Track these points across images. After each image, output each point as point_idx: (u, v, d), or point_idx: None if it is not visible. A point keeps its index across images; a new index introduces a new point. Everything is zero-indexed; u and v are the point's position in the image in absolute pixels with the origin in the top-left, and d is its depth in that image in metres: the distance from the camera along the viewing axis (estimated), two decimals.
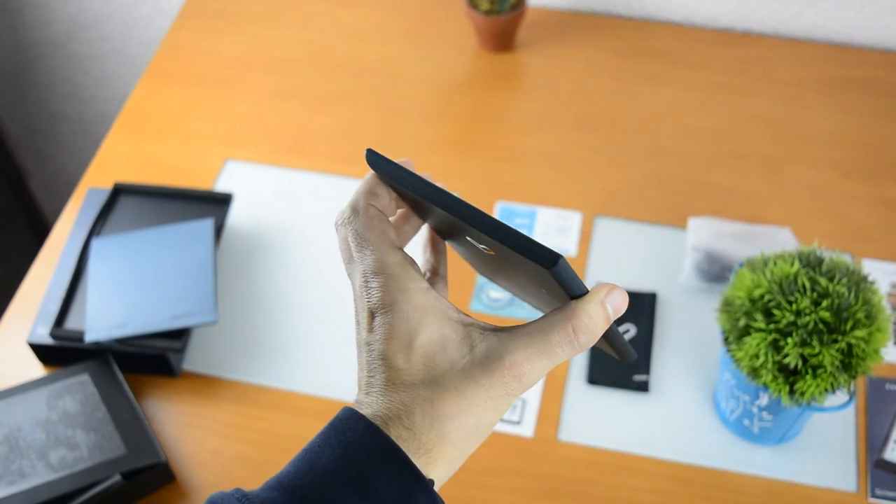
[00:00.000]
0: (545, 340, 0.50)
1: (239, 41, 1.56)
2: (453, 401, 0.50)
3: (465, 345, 0.51)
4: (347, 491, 0.47)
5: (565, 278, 0.48)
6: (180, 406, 1.16)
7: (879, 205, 1.33)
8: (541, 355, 0.50)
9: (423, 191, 0.52)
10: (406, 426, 0.50)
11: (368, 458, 0.48)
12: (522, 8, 1.46)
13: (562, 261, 0.47)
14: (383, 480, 0.48)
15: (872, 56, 1.52)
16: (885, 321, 0.95)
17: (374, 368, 0.52)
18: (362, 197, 0.55)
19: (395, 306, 0.52)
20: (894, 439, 1.10)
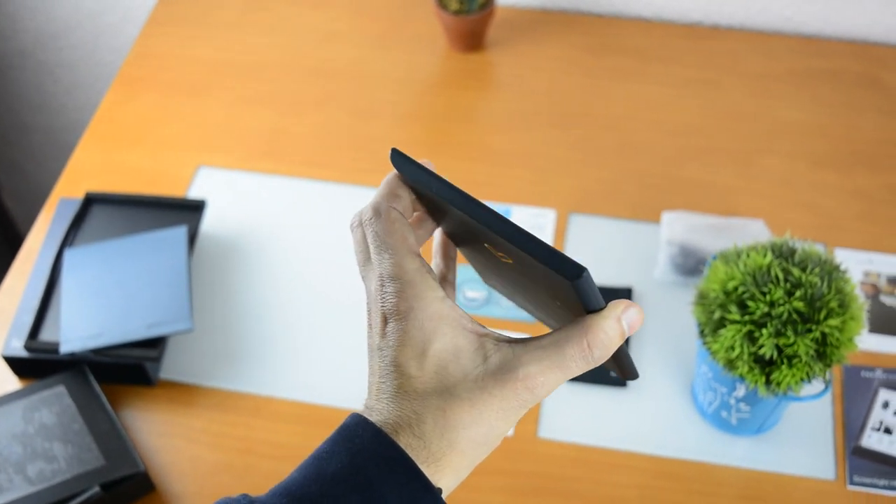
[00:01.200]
0: (560, 354, 0.50)
1: (209, 46, 1.56)
2: (465, 410, 0.50)
3: (479, 355, 0.51)
4: (355, 499, 0.47)
5: (587, 291, 0.48)
6: (158, 415, 1.15)
7: (851, 194, 1.34)
8: (554, 368, 0.50)
9: (448, 194, 0.51)
10: (416, 434, 0.50)
11: (377, 466, 0.48)
12: (491, 7, 1.46)
13: (586, 273, 0.47)
14: (391, 488, 0.48)
15: (841, 47, 1.53)
16: (859, 309, 0.95)
17: (385, 374, 0.52)
18: (384, 199, 0.54)
19: (410, 314, 0.51)
20: (871, 426, 1.11)
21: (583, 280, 0.47)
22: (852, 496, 1.06)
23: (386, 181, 0.55)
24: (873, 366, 1.16)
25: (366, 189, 1.35)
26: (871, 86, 1.48)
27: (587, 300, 0.49)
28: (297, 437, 1.13)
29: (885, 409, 1.12)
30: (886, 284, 1.24)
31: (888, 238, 1.29)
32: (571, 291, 0.48)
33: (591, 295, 0.48)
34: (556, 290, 0.51)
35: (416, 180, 0.53)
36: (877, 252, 1.27)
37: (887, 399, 1.13)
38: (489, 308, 1.22)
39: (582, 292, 0.48)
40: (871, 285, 1.24)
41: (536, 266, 0.48)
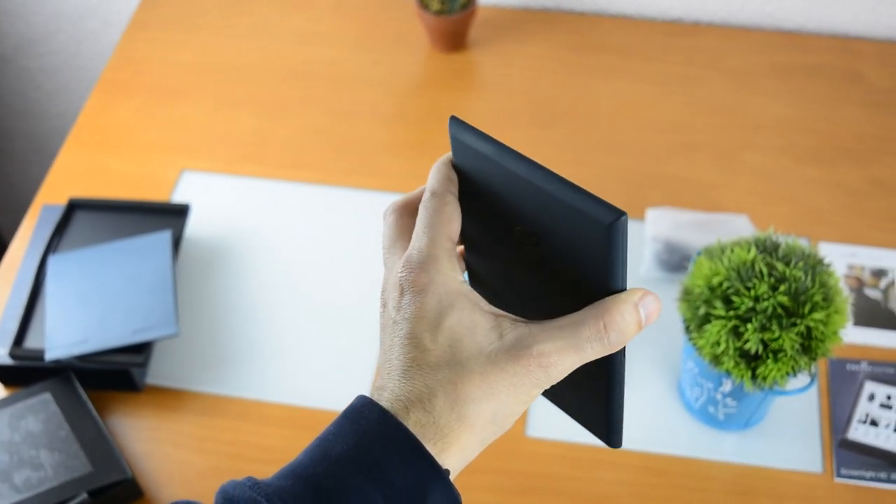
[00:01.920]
0: (575, 335, 0.50)
1: (191, 50, 1.55)
2: (476, 384, 0.49)
3: (495, 332, 0.51)
4: (361, 479, 0.47)
5: (620, 242, 0.48)
6: (145, 421, 1.15)
7: (834, 188, 1.34)
8: (570, 349, 0.50)
9: (509, 153, 0.52)
10: (426, 409, 0.49)
11: (383, 447, 0.48)
12: (473, 7, 1.46)
13: (626, 217, 0.48)
14: (398, 469, 0.48)
15: (822, 42, 1.54)
16: (843, 303, 0.96)
17: (398, 349, 0.51)
18: (441, 183, 0.55)
19: (429, 286, 0.51)
20: (858, 419, 1.11)
21: (623, 222, 0.47)
22: (840, 489, 1.07)
23: (442, 165, 0.55)
24: (858, 358, 1.16)
25: (349, 190, 1.35)
26: (853, 80, 1.48)
27: (615, 257, 0.49)
28: (286, 440, 1.13)
29: (871, 401, 1.13)
30: (870, 277, 1.24)
31: (872, 231, 1.29)
32: (601, 257, 0.49)
33: (622, 250, 0.49)
34: (579, 272, 0.51)
35: (476, 146, 0.53)
36: (860, 245, 1.27)
37: (873, 391, 1.13)
38: None
39: (616, 242, 0.48)
40: (856, 278, 1.24)
41: (569, 234, 0.49)
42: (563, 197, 0.49)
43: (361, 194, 1.35)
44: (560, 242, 0.51)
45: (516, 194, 0.52)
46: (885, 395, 1.13)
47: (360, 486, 0.47)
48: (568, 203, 0.49)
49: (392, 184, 1.35)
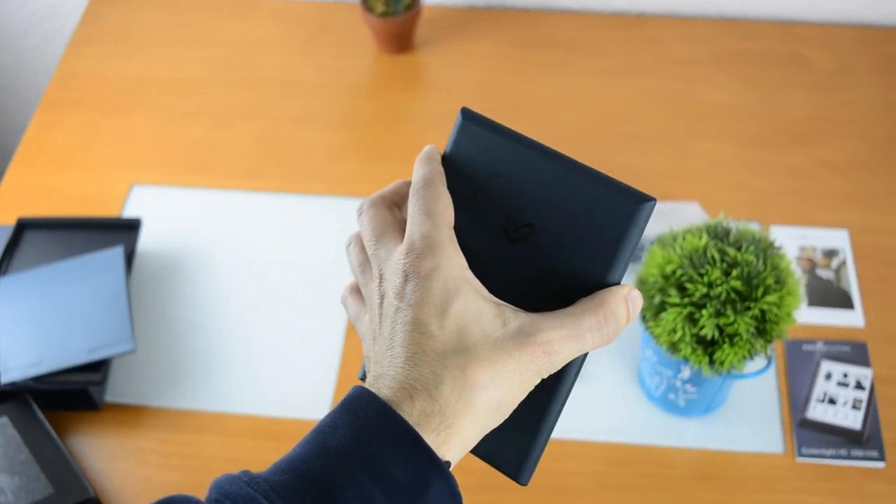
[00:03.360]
0: (577, 324, 0.51)
1: (136, 63, 1.54)
2: (484, 370, 0.49)
3: (499, 320, 0.51)
4: (359, 473, 0.46)
5: (638, 230, 0.50)
6: (106, 439, 1.13)
7: (782, 172, 1.36)
8: (572, 338, 0.50)
9: (523, 141, 0.54)
10: (433, 397, 0.48)
11: (381, 440, 0.47)
12: (417, 7, 1.46)
13: (654, 203, 0.50)
14: (396, 462, 0.47)
15: (764, 27, 1.55)
16: (795, 284, 0.97)
17: (401, 336, 0.50)
18: (434, 173, 0.55)
19: (435, 272, 0.51)
20: (816, 398, 1.13)
21: (651, 206, 0.50)
22: (801, 468, 1.08)
23: (431, 157, 0.57)
24: (814, 338, 1.18)
25: (301, 197, 1.34)
26: (796, 64, 1.50)
27: (626, 244, 0.50)
28: (250, 451, 1.12)
29: (828, 380, 1.14)
30: (822, 258, 1.26)
31: (821, 212, 1.31)
32: (611, 245, 0.50)
33: (637, 238, 0.50)
34: (576, 263, 0.52)
35: (488, 133, 0.55)
36: (811, 227, 1.29)
37: (830, 370, 1.15)
38: None
39: (639, 222, 0.50)
40: (808, 260, 1.26)
41: (577, 222, 0.51)
42: (588, 181, 0.51)
43: (313, 200, 1.34)
44: (562, 231, 0.52)
45: (522, 182, 0.53)
46: (841, 373, 1.15)
47: (358, 480, 0.46)
48: (593, 187, 0.51)
49: (344, 188, 1.35)
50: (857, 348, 1.17)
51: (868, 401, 1.12)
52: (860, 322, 1.20)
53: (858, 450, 1.09)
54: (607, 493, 1.07)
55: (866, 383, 1.14)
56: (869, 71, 1.49)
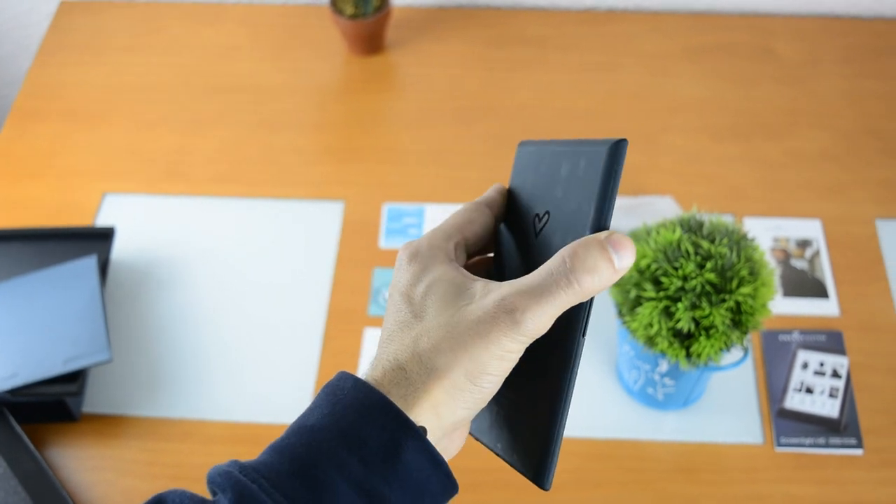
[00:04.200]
0: (542, 277, 0.49)
1: (106, 72, 1.53)
2: (444, 335, 0.50)
3: (476, 290, 0.51)
4: (335, 444, 0.48)
5: (614, 171, 0.50)
6: (85, 450, 1.13)
7: (754, 164, 1.37)
8: (537, 294, 0.49)
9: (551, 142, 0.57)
10: (401, 366, 0.51)
11: (356, 412, 0.49)
12: (387, 8, 1.46)
13: (625, 142, 0.50)
14: (371, 431, 0.48)
15: (733, 21, 1.56)
16: (769, 275, 0.97)
17: (388, 318, 0.54)
18: (483, 197, 0.59)
19: (417, 255, 0.55)
20: (793, 387, 1.13)
21: (622, 144, 0.50)
22: (780, 457, 1.09)
23: (492, 189, 0.60)
24: (790, 329, 1.18)
25: (276, 201, 1.34)
26: (764, 56, 1.51)
27: (605, 188, 0.50)
28: (230, 456, 1.11)
29: (805, 369, 1.15)
30: (796, 248, 1.27)
31: (793, 202, 1.32)
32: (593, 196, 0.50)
33: (614, 181, 0.50)
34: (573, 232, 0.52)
35: (534, 146, 0.58)
36: (784, 217, 1.30)
37: (806, 360, 1.16)
38: None
39: (609, 164, 0.50)
40: (781, 250, 1.26)
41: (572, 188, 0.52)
42: (571, 150, 0.52)
43: (287, 204, 1.34)
44: (563, 205, 0.53)
45: (541, 176, 0.55)
46: (818, 362, 1.15)
47: (333, 450, 0.48)
48: (575, 154, 0.52)
49: (318, 191, 1.35)
50: (833, 337, 1.18)
51: (845, 389, 1.13)
52: (835, 311, 1.21)
53: (837, 438, 1.09)
54: (589, 489, 1.08)
55: (843, 371, 1.15)
56: (837, 61, 1.50)
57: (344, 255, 1.28)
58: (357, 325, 1.21)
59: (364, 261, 1.27)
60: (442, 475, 0.50)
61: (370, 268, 1.26)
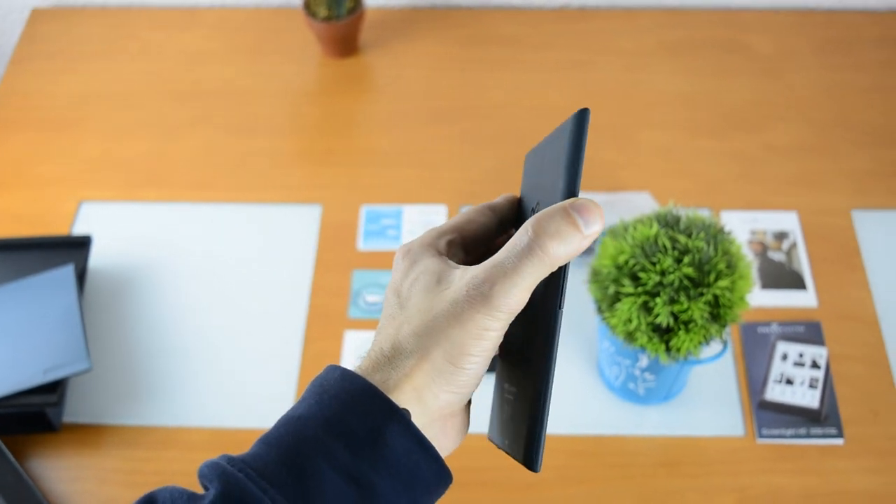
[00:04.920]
0: (508, 252, 0.50)
1: (79, 79, 1.52)
2: (422, 319, 0.51)
3: (453, 277, 0.52)
4: (320, 432, 0.48)
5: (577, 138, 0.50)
6: (66, 460, 1.12)
7: (730, 157, 1.37)
8: (505, 268, 0.49)
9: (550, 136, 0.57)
10: (385, 353, 0.51)
11: (342, 401, 0.49)
12: (360, 10, 1.46)
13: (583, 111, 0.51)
14: (355, 417, 0.49)
15: (706, 16, 1.57)
16: (747, 268, 0.98)
17: (383, 311, 0.55)
18: (492, 202, 0.60)
19: (410, 251, 0.56)
20: (773, 379, 1.14)
21: (585, 113, 0.51)
22: (762, 449, 1.09)
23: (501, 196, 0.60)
24: (769, 321, 1.19)
25: (253, 206, 1.33)
26: (738, 50, 1.52)
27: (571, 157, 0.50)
28: None
29: (785, 360, 1.15)
30: (773, 241, 1.27)
31: (769, 195, 1.32)
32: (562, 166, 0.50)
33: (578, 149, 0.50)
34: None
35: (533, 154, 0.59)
36: (760, 210, 1.30)
37: (785, 351, 1.16)
38: None
39: (572, 133, 0.50)
40: (759, 243, 1.27)
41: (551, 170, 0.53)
42: (549, 138, 0.54)
43: (265, 209, 1.33)
44: (546, 192, 0.53)
45: (534, 171, 0.57)
46: (797, 353, 1.16)
47: (320, 439, 0.48)
48: (553, 133, 0.53)
49: (296, 195, 1.34)
50: (812, 328, 1.18)
51: (824, 379, 1.14)
52: (813, 302, 1.21)
53: (817, 428, 1.10)
54: (573, 486, 1.08)
55: (822, 362, 1.15)
56: (810, 54, 1.51)
57: (322, 258, 1.28)
58: (337, 328, 1.21)
59: (343, 263, 1.27)
60: (432, 461, 0.50)
61: (349, 270, 1.26)
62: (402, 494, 0.49)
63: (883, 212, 1.31)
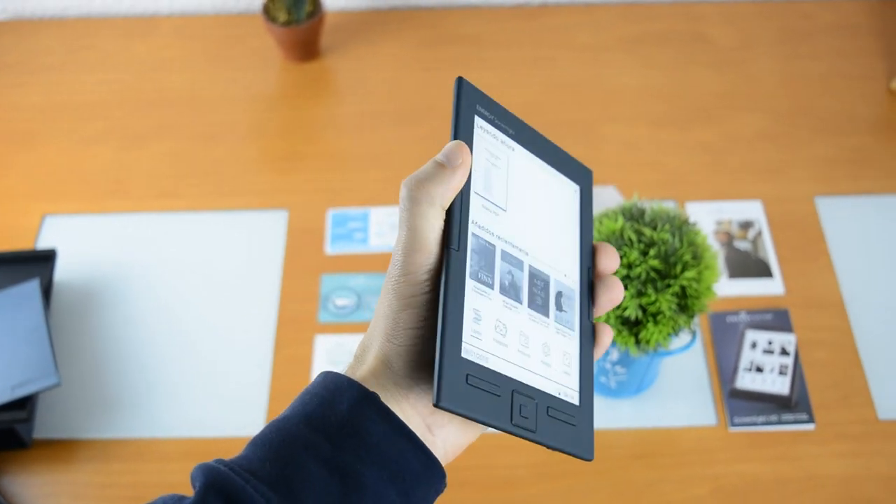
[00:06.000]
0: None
1: (38, 91, 1.51)
2: (379, 302, 0.54)
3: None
4: (302, 427, 0.50)
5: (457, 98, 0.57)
6: (38, 477, 1.11)
7: (693, 149, 1.38)
8: (399, 234, 0.52)
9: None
10: (360, 351, 0.54)
11: (320, 398, 0.51)
12: (320, 14, 1.45)
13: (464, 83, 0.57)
14: (331, 409, 0.50)
15: (665, 9, 1.58)
16: (712, 258, 0.98)
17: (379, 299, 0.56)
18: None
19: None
20: (743, 367, 1.15)
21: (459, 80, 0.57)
22: (734, 437, 1.10)
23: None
24: (737, 310, 1.20)
25: (220, 213, 1.33)
26: (698, 42, 1.53)
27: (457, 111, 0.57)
28: (186, 474, 1.09)
29: (754, 349, 1.16)
30: (738, 230, 1.28)
31: (733, 185, 1.33)
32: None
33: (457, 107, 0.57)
34: None
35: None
36: (725, 200, 1.31)
37: (754, 339, 1.17)
38: (360, 313, 1.21)
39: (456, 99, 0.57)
40: (724, 233, 1.28)
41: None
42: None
43: (232, 216, 1.33)
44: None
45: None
46: (766, 340, 1.17)
47: (302, 433, 0.50)
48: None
49: (261, 201, 1.34)
50: (779, 315, 1.19)
51: (794, 366, 1.15)
52: (780, 289, 1.22)
53: (788, 414, 1.11)
54: (548, 482, 1.08)
55: (790, 349, 1.16)
56: (769, 44, 1.53)
57: (290, 263, 1.27)
58: (308, 333, 1.20)
59: (311, 268, 1.27)
60: (418, 451, 0.50)
61: (317, 274, 1.26)
62: (389, 484, 0.49)
63: (846, 197, 1.32)
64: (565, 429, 0.54)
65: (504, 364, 0.52)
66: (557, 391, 0.54)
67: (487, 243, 0.54)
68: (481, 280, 0.53)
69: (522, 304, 0.55)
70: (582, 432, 0.55)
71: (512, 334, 0.53)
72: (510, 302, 0.54)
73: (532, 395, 0.53)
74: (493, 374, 0.51)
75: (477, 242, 0.53)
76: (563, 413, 0.54)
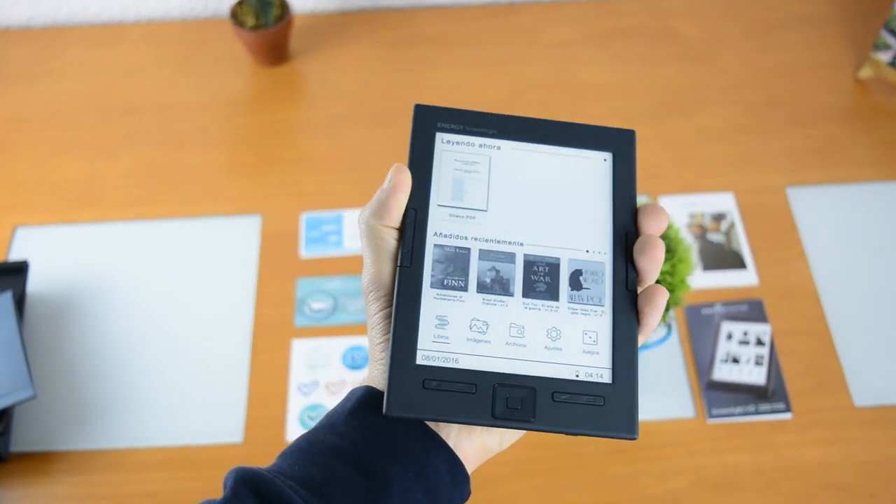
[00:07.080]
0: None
1: (6, 102, 1.49)
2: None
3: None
4: (327, 434, 0.54)
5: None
6: (16, 491, 1.10)
7: (665, 143, 1.39)
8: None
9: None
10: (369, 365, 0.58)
11: (341, 408, 0.55)
12: (288, 17, 1.45)
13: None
14: (353, 415, 0.54)
15: (633, 4, 1.58)
16: (686, 251, 0.99)
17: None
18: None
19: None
20: (720, 359, 1.15)
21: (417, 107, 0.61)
22: (713, 428, 1.11)
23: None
24: (712, 301, 1.21)
25: (193, 220, 1.32)
26: (666, 37, 1.53)
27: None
28: (166, 482, 1.10)
29: (730, 340, 1.17)
30: (711, 222, 1.29)
31: (705, 178, 1.34)
32: None
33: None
34: None
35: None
36: (697, 193, 1.32)
37: (730, 331, 1.18)
38: (336, 316, 1.21)
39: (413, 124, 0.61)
40: (698, 226, 1.28)
41: None
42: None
43: (205, 222, 1.32)
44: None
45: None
46: (741, 331, 1.18)
47: (327, 439, 0.53)
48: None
49: (234, 206, 1.33)
50: (754, 306, 1.20)
51: (770, 356, 1.16)
52: (754, 280, 1.23)
53: (766, 404, 1.12)
54: (530, 478, 1.08)
55: (766, 339, 1.17)
56: (738, 37, 1.54)
57: (265, 268, 1.27)
58: (284, 338, 1.20)
59: (286, 272, 1.26)
60: (440, 449, 0.53)
61: (293, 279, 1.25)
62: (414, 481, 0.52)
63: (816, 187, 1.33)
64: (586, 410, 0.53)
65: (484, 360, 0.53)
66: (573, 373, 0.54)
67: (457, 249, 0.56)
68: (448, 286, 0.54)
69: (514, 296, 0.55)
70: (617, 411, 0.53)
71: (497, 329, 0.54)
72: (494, 298, 0.55)
73: (527, 383, 0.53)
74: (466, 373, 0.52)
75: (441, 252, 0.55)
76: (581, 395, 0.53)
